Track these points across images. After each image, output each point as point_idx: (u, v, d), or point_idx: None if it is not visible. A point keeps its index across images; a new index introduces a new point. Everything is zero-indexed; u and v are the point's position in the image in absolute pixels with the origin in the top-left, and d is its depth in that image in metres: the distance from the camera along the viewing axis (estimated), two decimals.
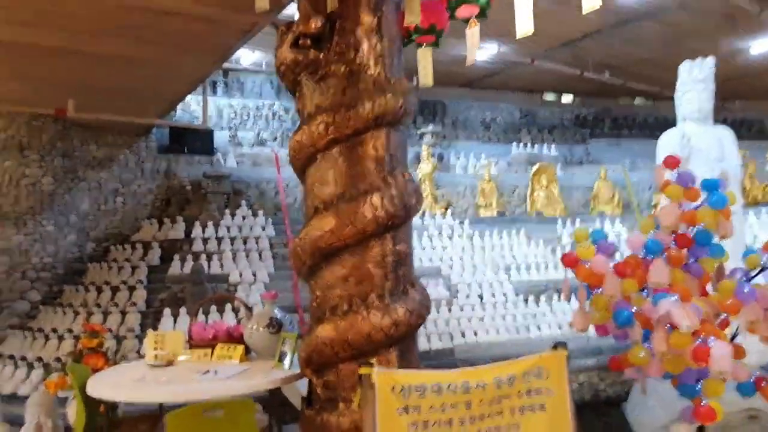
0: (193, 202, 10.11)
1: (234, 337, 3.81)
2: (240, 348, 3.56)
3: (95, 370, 3.71)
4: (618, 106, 14.95)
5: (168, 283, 8.24)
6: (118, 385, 3.04)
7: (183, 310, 7.55)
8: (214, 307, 7.64)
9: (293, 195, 11.46)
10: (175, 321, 7.49)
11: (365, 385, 2.48)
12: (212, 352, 3.64)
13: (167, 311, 7.53)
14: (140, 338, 7.23)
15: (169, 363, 3.51)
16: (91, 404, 3.28)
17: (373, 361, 2.55)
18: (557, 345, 2.71)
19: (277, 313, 3.72)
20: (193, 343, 3.77)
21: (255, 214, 9.96)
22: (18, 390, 6.51)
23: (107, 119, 8.27)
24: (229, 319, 7.51)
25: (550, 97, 14.00)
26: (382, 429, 2.44)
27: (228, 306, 7.76)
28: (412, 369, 2.91)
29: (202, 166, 10.98)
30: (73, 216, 9.38)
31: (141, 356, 6.85)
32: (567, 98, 13.96)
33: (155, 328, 7.45)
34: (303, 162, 3.01)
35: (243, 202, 10.26)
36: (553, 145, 13.92)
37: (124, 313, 7.61)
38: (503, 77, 13.03)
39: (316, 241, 2.86)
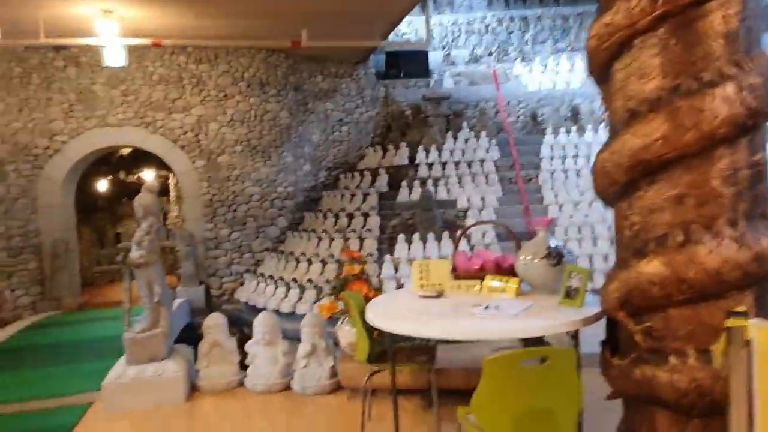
0: (414, 126, 9.99)
1: (502, 269, 3.45)
2: (515, 281, 3.18)
3: (364, 298, 3.68)
4: None
5: (398, 210, 8.33)
6: (402, 317, 2.91)
7: (416, 236, 7.55)
8: (446, 233, 7.50)
9: (514, 113, 10.68)
10: (409, 247, 7.53)
11: (735, 342, 1.85)
12: (481, 283, 3.35)
13: (401, 237, 7.59)
14: (379, 263, 7.44)
15: (439, 294, 3.30)
16: (367, 330, 3.24)
17: (743, 309, 1.90)
18: None
19: (553, 243, 3.23)
20: (457, 274, 3.51)
21: (477, 136, 9.49)
22: (280, 307, 7.21)
23: (337, 45, 8.35)
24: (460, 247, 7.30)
25: None
26: (764, 401, 1.81)
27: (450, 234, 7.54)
28: None
29: (419, 89, 10.77)
30: (306, 147, 9.96)
31: (380, 280, 7.05)
32: None
33: (391, 254, 7.60)
34: (611, 52, 2.32)
35: (464, 124, 9.84)
36: None
37: (361, 239, 7.89)
38: None
39: (637, 154, 2.21)
